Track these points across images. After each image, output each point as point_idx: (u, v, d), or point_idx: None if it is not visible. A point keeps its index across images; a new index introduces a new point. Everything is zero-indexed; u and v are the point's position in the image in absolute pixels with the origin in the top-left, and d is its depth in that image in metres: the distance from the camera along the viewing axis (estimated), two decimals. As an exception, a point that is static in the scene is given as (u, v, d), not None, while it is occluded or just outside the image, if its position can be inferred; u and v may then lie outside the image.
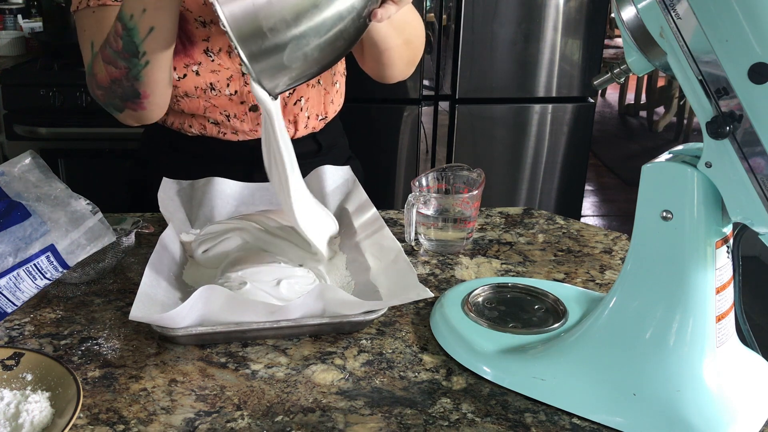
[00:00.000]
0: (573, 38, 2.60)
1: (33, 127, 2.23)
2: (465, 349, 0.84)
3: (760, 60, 0.62)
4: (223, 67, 1.21)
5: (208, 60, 1.20)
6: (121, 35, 1.01)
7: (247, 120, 1.26)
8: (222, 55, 1.21)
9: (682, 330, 0.73)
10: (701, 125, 0.67)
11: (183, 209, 1.15)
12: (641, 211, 0.74)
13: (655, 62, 0.72)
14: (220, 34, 1.19)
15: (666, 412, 0.72)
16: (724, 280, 0.74)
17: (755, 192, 0.66)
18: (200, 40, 1.19)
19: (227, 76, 1.22)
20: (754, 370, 0.79)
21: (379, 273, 0.97)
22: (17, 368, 0.78)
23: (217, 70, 1.21)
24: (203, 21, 1.19)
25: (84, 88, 2.21)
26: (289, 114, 1.29)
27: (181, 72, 1.19)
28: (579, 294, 0.95)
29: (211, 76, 1.21)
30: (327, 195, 1.19)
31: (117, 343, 0.87)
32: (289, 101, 1.28)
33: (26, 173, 0.88)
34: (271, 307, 0.85)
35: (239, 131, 1.27)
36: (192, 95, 1.22)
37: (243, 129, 1.27)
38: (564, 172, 2.78)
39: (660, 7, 0.68)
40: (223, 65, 1.21)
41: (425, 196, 1.11)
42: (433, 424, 0.75)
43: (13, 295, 0.83)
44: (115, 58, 1.04)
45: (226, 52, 1.21)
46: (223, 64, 1.21)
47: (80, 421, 0.74)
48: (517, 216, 1.29)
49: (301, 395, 0.79)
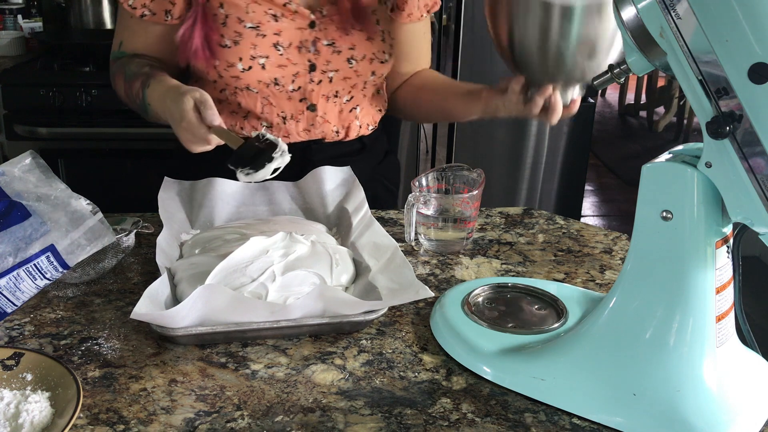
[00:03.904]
0: (573, 38, 2.60)
1: (33, 127, 2.23)
2: (465, 349, 0.84)
3: (760, 60, 0.62)
4: (291, 62, 1.21)
5: (276, 54, 1.20)
6: (138, 102, 1.18)
7: (302, 120, 1.27)
8: (291, 49, 1.21)
9: (682, 330, 0.73)
10: (701, 125, 0.67)
11: (183, 210, 1.15)
12: (641, 211, 0.74)
13: (655, 62, 0.72)
14: (292, 29, 1.20)
15: (666, 412, 0.72)
16: (724, 280, 0.74)
17: (755, 192, 0.66)
18: (271, 33, 1.20)
19: (293, 72, 1.22)
20: (754, 370, 0.79)
21: (377, 272, 0.97)
22: (17, 368, 0.78)
23: (285, 65, 1.21)
24: (275, 14, 1.20)
25: (84, 88, 2.21)
26: (345, 121, 1.31)
27: (247, 64, 1.19)
28: (579, 294, 0.95)
29: (277, 70, 1.21)
30: (327, 195, 1.19)
31: (117, 343, 0.87)
32: (345, 108, 1.30)
33: (26, 173, 0.88)
34: (271, 306, 0.85)
35: (291, 134, 1.28)
36: (253, 89, 1.22)
37: (297, 130, 1.28)
38: (564, 172, 2.78)
39: (660, 7, 0.68)
40: (291, 60, 1.21)
41: (425, 196, 1.11)
42: (433, 424, 0.75)
43: (13, 295, 0.83)
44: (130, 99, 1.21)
45: (296, 47, 1.21)
46: (291, 59, 1.21)
47: (80, 421, 0.74)
48: (517, 216, 1.29)
49: (301, 395, 0.79)
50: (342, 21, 1.23)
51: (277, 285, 0.91)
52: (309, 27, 1.22)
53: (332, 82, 1.26)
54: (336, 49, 1.23)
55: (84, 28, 2.59)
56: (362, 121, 1.34)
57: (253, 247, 0.96)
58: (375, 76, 1.29)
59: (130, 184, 1.89)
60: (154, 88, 1.12)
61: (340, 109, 1.30)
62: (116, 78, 1.26)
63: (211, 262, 0.95)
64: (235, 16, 1.18)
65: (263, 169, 0.95)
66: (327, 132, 1.30)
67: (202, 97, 1.01)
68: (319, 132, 1.29)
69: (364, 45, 1.25)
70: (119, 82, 1.24)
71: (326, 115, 1.28)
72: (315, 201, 1.20)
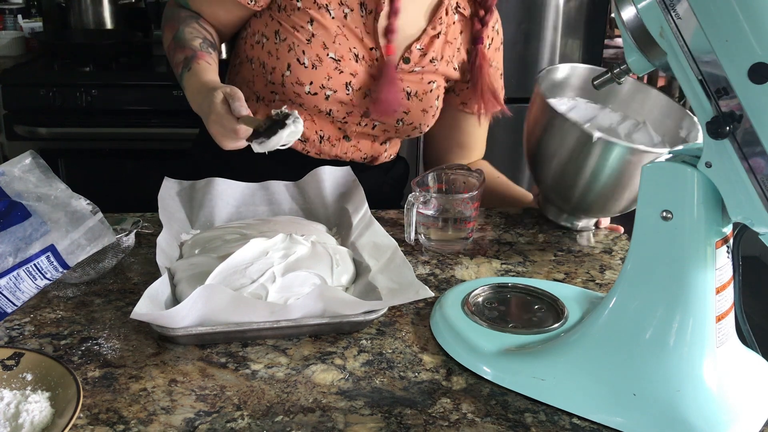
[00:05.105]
0: (573, 38, 2.60)
1: (33, 127, 2.23)
2: (465, 349, 0.84)
3: (760, 60, 0.62)
4: (352, 103, 1.24)
5: (344, 92, 1.22)
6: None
7: (337, 145, 1.30)
8: (358, 93, 1.23)
9: (682, 330, 0.73)
10: (701, 125, 0.67)
11: (183, 210, 1.15)
12: (641, 211, 0.74)
13: (655, 62, 0.72)
14: (367, 75, 1.23)
15: (666, 412, 0.72)
16: (724, 280, 0.74)
17: (755, 192, 0.66)
18: (348, 72, 1.21)
19: (348, 111, 1.25)
20: (754, 370, 0.79)
21: (377, 272, 0.97)
22: (17, 368, 0.78)
23: (345, 103, 1.24)
24: (357, 54, 1.22)
25: (84, 88, 2.21)
26: (375, 151, 1.35)
27: (315, 89, 1.21)
28: (579, 294, 0.95)
29: (336, 105, 1.24)
30: (327, 195, 1.19)
31: (117, 343, 0.87)
32: (377, 141, 1.34)
33: (26, 173, 0.88)
34: (271, 306, 0.85)
35: (323, 153, 1.31)
36: (306, 108, 1.24)
37: (330, 151, 1.31)
38: (564, 172, 2.77)
39: (660, 7, 0.68)
40: (353, 102, 1.24)
41: (425, 196, 1.11)
42: (433, 424, 0.75)
43: (13, 295, 0.83)
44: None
45: (363, 93, 1.23)
46: (353, 101, 1.24)
47: (80, 421, 0.74)
48: (517, 216, 1.29)
49: (301, 395, 0.79)
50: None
51: (277, 286, 0.91)
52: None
53: (374, 129, 1.30)
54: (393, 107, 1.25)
55: (84, 28, 2.59)
56: (389, 152, 1.39)
57: (253, 248, 0.96)
58: (410, 136, 1.35)
59: (130, 184, 1.88)
60: (192, 74, 1.12)
61: (372, 141, 1.34)
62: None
63: (211, 262, 0.95)
64: (321, 39, 1.20)
65: (275, 135, 0.96)
66: (356, 158, 1.34)
67: (231, 91, 1.01)
68: (349, 156, 1.33)
69: (416, 115, 1.29)
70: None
71: (359, 144, 1.33)
72: (315, 201, 1.20)
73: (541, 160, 1.15)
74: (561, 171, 1.12)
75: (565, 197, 1.16)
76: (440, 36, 1.27)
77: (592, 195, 1.11)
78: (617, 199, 1.11)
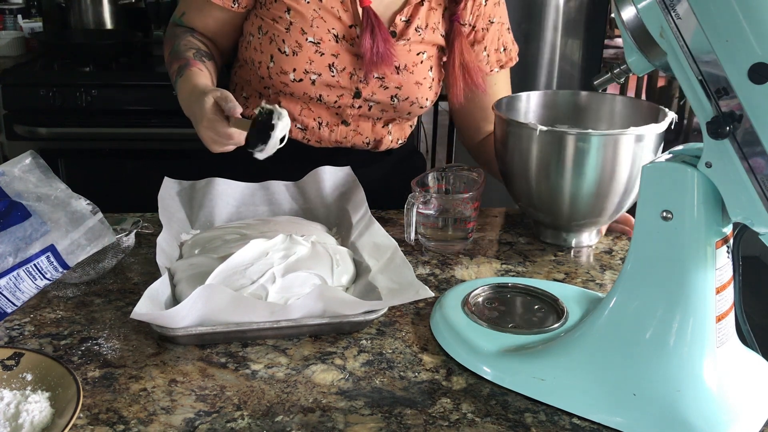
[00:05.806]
0: (573, 38, 2.60)
1: (33, 127, 2.22)
2: (465, 349, 0.84)
3: (760, 60, 0.62)
4: (340, 85, 1.23)
5: (329, 74, 1.22)
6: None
7: (336, 131, 1.30)
8: (344, 74, 1.22)
9: (682, 330, 0.73)
10: (701, 125, 0.67)
11: (183, 210, 1.15)
12: (641, 211, 0.74)
13: (655, 62, 0.72)
14: (350, 54, 1.22)
15: (666, 412, 0.72)
16: (724, 280, 0.74)
17: (755, 192, 0.66)
18: (329, 53, 1.21)
19: (339, 94, 1.25)
20: (754, 370, 0.79)
21: (377, 272, 0.97)
22: (17, 368, 0.78)
23: (333, 86, 1.23)
24: (336, 35, 1.21)
25: (84, 88, 2.21)
26: (377, 134, 1.33)
27: (299, 75, 1.21)
28: (579, 294, 0.95)
29: (325, 89, 1.23)
30: (327, 195, 1.19)
31: (117, 343, 0.87)
32: (378, 124, 1.32)
33: (26, 173, 0.88)
34: (272, 306, 0.85)
35: (323, 140, 1.31)
36: (296, 96, 1.24)
37: (330, 138, 1.30)
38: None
39: (660, 7, 0.68)
40: (341, 83, 1.23)
41: (425, 196, 1.11)
42: (433, 424, 0.75)
43: (13, 295, 0.83)
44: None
45: (349, 73, 1.23)
46: (341, 82, 1.23)
47: (80, 421, 0.74)
48: (517, 216, 1.29)
49: (301, 395, 0.79)
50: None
51: (277, 287, 0.91)
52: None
53: (371, 110, 1.29)
54: (384, 84, 1.24)
55: (84, 28, 2.59)
56: (393, 136, 1.37)
57: (253, 249, 0.96)
58: (411, 114, 1.32)
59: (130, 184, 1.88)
60: (184, 80, 1.13)
61: (372, 124, 1.33)
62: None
63: (211, 262, 0.95)
64: (299, 26, 1.20)
65: (270, 139, 0.96)
66: (357, 142, 1.33)
67: (222, 94, 1.01)
68: (351, 141, 1.32)
69: (410, 88, 1.27)
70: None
71: (359, 128, 1.32)
72: (315, 201, 1.20)
73: (515, 180, 1.14)
74: (536, 180, 1.09)
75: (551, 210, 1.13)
76: (424, 3, 1.25)
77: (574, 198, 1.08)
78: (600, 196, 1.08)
